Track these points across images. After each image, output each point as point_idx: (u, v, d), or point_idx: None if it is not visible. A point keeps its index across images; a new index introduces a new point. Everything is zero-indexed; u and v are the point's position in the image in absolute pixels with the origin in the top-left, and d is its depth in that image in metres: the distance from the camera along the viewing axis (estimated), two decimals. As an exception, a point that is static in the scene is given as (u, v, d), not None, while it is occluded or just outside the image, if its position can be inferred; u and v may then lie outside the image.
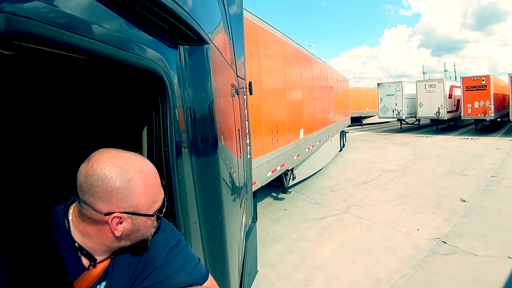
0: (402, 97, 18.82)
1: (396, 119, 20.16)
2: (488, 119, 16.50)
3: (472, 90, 16.34)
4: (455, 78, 24.34)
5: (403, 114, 18.97)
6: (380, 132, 20.16)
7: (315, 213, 5.57)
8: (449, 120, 18.40)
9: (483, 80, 16.10)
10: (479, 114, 16.36)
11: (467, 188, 6.53)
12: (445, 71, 38.75)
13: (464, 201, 5.75)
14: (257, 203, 4.95)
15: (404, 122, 20.60)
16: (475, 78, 16.41)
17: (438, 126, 19.28)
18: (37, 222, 0.73)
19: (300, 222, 5.18)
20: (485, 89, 16.00)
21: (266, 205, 6.03)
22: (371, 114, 24.65)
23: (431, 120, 19.41)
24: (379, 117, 20.87)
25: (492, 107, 15.92)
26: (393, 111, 19.36)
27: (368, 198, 6.26)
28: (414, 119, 20.09)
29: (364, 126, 24.22)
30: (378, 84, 20.44)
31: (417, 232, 4.50)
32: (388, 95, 19.44)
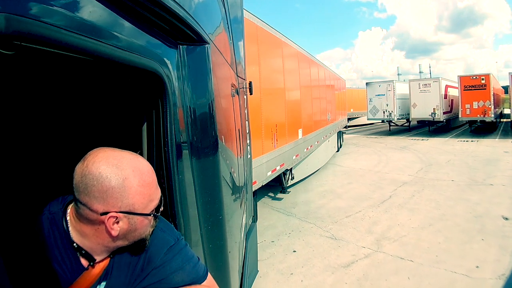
0: (394, 97, 17.44)
1: (381, 121, 18.98)
2: (487, 120, 15.79)
3: (471, 89, 15.62)
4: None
5: (394, 116, 17.60)
6: (369, 134, 18.93)
7: (338, 254, 4.09)
8: (440, 121, 17.43)
9: (483, 79, 15.40)
10: (478, 115, 15.61)
11: (501, 202, 5.80)
12: (420, 72, 38.59)
13: (507, 219, 5.06)
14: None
15: (393, 124, 19.43)
16: (474, 77, 15.69)
17: (430, 127, 18.44)
18: (36, 222, 0.73)
19: (322, 273, 3.67)
20: (485, 89, 15.31)
21: (267, 245, 4.43)
22: (357, 116, 23.37)
23: (418, 121, 18.44)
24: (368, 119, 19.53)
25: (492, 108, 15.27)
26: (383, 112, 17.92)
27: (397, 225, 4.96)
28: (405, 120, 18.90)
29: (349, 128, 22.77)
30: (367, 83, 19.01)
31: (478, 271, 3.57)
32: (378, 95, 18.03)
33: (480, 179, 7.49)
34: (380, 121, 19.14)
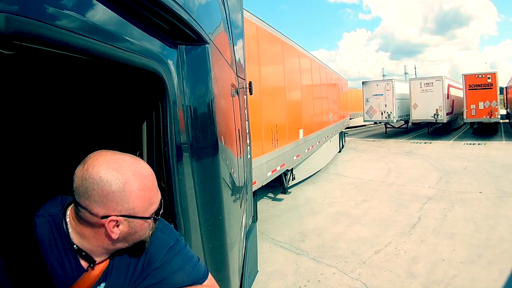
0: (393, 97, 16.25)
1: (374, 123, 17.91)
2: (493, 121, 14.82)
3: (476, 89, 14.65)
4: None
5: (394, 117, 16.36)
6: (365, 137, 17.74)
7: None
8: (436, 123, 16.30)
9: (489, 78, 14.39)
10: (484, 116, 14.63)
11: (544, 219, 4.99)
12: (405, 73, 38.31)
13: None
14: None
15: (389, 126, 18.39)
16: (480, 76, 14.72)
17: (429, 129, 17.70)
18: (36, 224, 0.73)
19: None
20: (491, 88, 14.34)
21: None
22: (350, 117, 22.19)
23: (413, 123, 17.43)
24: (364, 120, 18.31)
25: (499, 108, 14.41)
26: (382, 113, 16.66)
27: (441, 260, 3.86)
28: (403, 122, 17.91)
29: (341, 130, 21.94)
30: (363, 82, 17.75)
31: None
32: (376, 95, 16.77)
33: (509, 189, 6.78)
34: (373, 123, 18.09)
